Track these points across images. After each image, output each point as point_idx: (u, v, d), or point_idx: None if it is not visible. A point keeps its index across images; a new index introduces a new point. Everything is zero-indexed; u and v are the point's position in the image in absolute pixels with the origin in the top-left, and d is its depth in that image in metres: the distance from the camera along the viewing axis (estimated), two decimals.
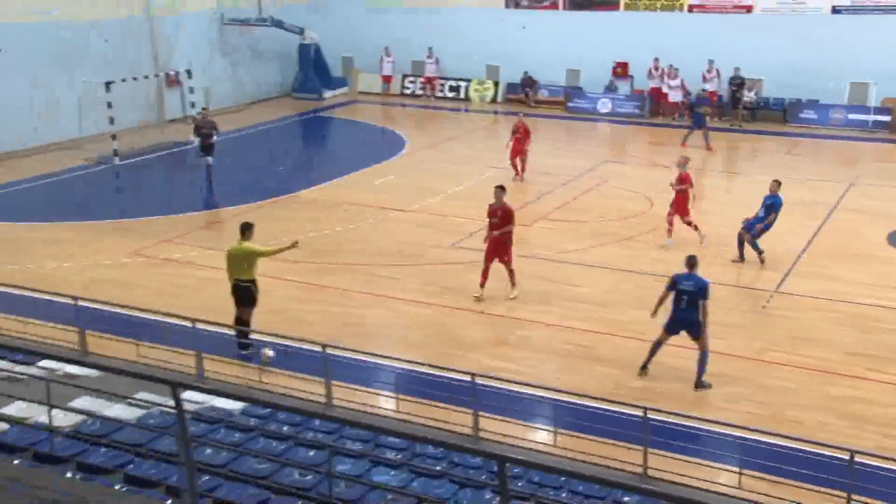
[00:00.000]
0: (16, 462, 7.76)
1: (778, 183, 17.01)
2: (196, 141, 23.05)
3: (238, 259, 13.01)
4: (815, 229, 19.00)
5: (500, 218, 15.12)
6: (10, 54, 25.83)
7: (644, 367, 12.59)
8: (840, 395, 12.09)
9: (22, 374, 10.26)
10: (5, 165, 24.87)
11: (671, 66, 30.33)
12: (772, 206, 16.74)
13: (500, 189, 15.35)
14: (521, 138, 22.82)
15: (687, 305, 12.24)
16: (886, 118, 28.54)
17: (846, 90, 29.47)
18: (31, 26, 26.25)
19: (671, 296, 12.42)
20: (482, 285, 15.24)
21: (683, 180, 17.97)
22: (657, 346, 12.49)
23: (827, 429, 11.11)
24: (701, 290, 12.18)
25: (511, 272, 15.31)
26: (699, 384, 12.23)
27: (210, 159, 22.78)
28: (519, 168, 23.01)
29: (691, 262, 12.52)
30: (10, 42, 25.82)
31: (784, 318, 14.61)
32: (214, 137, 22.90)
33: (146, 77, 28.12)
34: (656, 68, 30.84)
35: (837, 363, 12.96)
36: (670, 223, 18.06)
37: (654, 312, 12.54)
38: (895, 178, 25.05)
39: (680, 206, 18.01)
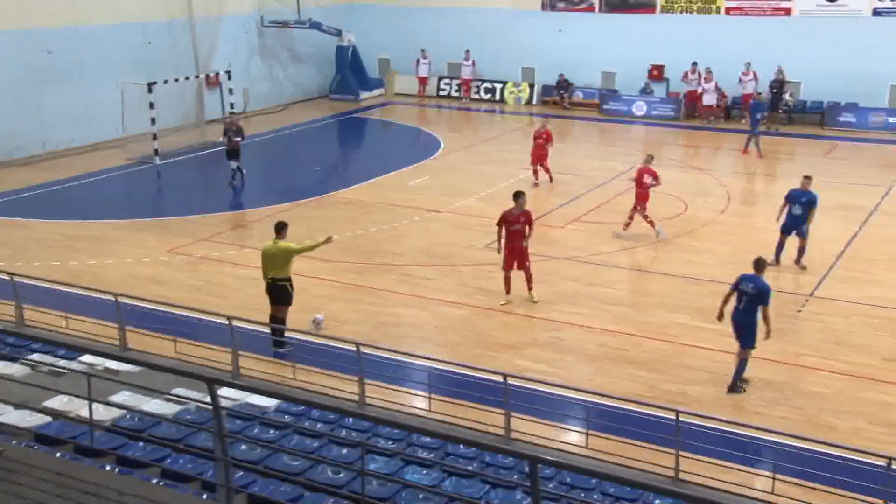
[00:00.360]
0: (57, 454, 7.94)
1: (809, 179, 16.78)
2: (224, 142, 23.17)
3: (274, 257, 13.17)
4: (853, 234, 18.76)
5: (524, 224, 15.01)
6: (58, 57, 26.37)
7: (731, 384, 12.18)
8: (876, 400, 11.94)
9: (64, 368, 10.50)
10: (54, 164, 25.38)
11: (707, 68, 30.11)
12: (809, 203, 16.51)
13: (522, 195, 15.21)
14: (542, 144, 22.62)
15: (745, 307, 12.09)
16: None
17: (886, 93, 29.03)
18: (76, 30, 26.79)
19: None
20: (508, 292, 15.23)
21: (654, 177, 18.27)
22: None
23: (863, 435, 10.99)
24: (760, 293, 11.98)
25: (530, 277, 15.26)
26: (733, 388, 12.13)
27: (233, 164, 22.78)
28: (539, 174, 22.67)
29: (758, 264, 12.39)
30: (58, 45, 26.37)
31: (820, 322, 14.47)
32: (240, 142, 22.87)
33: (187, 78, 28.53)
34: (693, 71, 30.61)
35: (874, 369, 12.81)
36: (645, 218, 18.27)
37: (720, 314, 12.40)
38: None
39: (642, 200, 18.23)
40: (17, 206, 21.40)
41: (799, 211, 16.55)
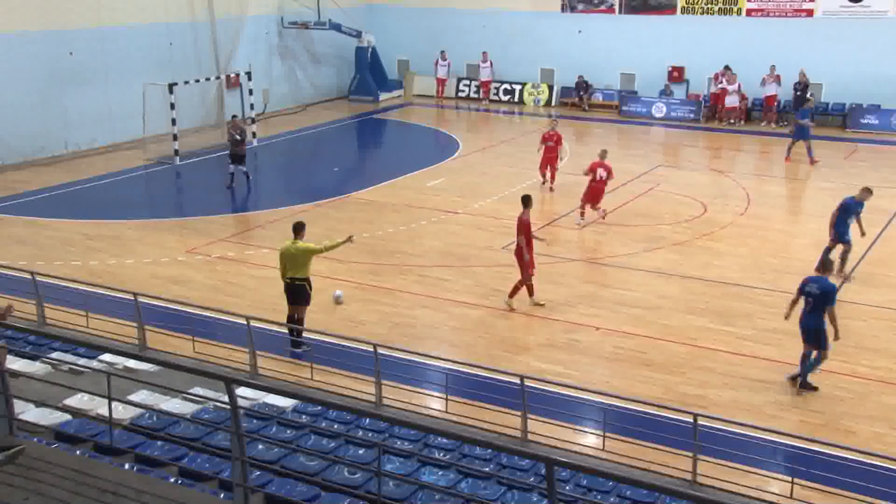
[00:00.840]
0: (77, 452, 8.01)
1: (868, 191, 16.27)
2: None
3: (294, 257, 13.23)
4: (875, 237, 18.59)
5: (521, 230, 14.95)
6: (78, 57, 26.62)
7: (798, 382, 12.12)
8: None
9: (84, 367, 10.60)
10: (76, 165, 25.61)
11: (729, 70, 29.96)
12: (858, 213, 16.18)
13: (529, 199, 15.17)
14: (553, 147, 22.19)
15: (811, 309, 12.00)
16: None
17: None
18: (101, 31, 27.03)
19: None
20: (534, 293, 15.19)
21: (607, 171, 19.10)
22: (804, 358, 12.18)
23: (883, 440, 10.90)
24: (824, 293, 11.87)
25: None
26: (804, 385, 12.02)
27: (232, 167, 22.57)
28: (548, 177, 22.48)
29: (823, 265, 12.32)
30: (82, 46, 26.63)
31: (840, 325, 14.32)
32: (245, 145, 22.71)
33: (208, 79, 28.72)
34: (723, 74, 30.33)
35: (894, 372, 12.69)
36: (583, 207, 19.27)
37: (787, 315, 12.40)
38: None
39: (595, 195, 19.20)
40: (39, 205, 21.61)
41: (852, 220, 16.22)
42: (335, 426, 9.89)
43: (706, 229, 19.19)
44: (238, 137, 22.52)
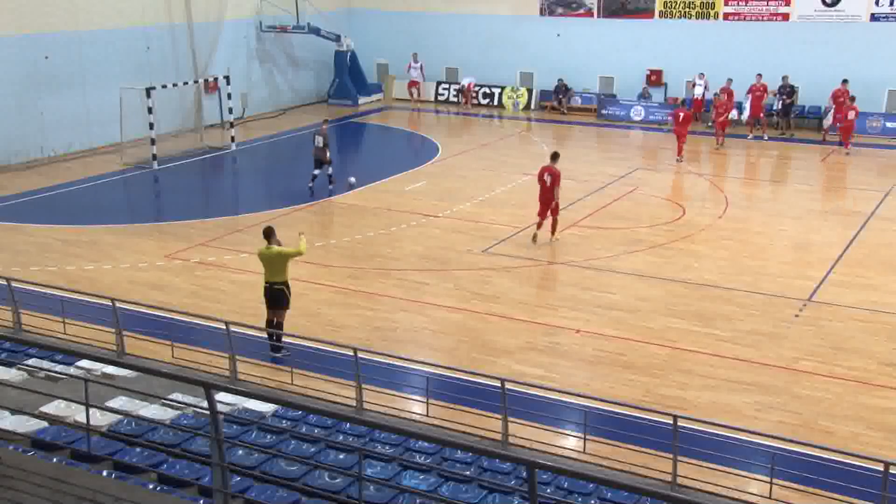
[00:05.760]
0: (54, 460, 7.94)
1: None
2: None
3: (269, 262, 13.17)
4: (851, 238, 18.79)
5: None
6: (55, 61, 26.40)
7: None
8: (874, 405, 11.95)
9: (61, 373, 10.50)
10: (52, 169, 25.37)
11: (702, 73, 30.19)
12: None
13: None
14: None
15: None
16: None
17: (884, 98, 29.09)
18: (78, 34, 26.82)
19: None
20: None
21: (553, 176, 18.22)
22: None
23: (860, 439, 11.00)
24: None
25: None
26: None
27: (317, 171, 22.52)
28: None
29: None
30: (59, 50, 26.40)
31: (817, 327, 14.48)
32: (326, 150, 22.52)
33: (185, 83, 28.56)
34: (701, 78, 30.48)
35: (872, 373, 12.81)
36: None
37: None
38: None
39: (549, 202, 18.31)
40: (15, 210, 21.40)
41: None
42: (315, 431, 9.87)
43: (685, 232, 19.31)
44: (320, 145, 22.46)
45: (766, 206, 21.94)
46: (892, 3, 28.73)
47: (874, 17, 29.07)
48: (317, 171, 22.60)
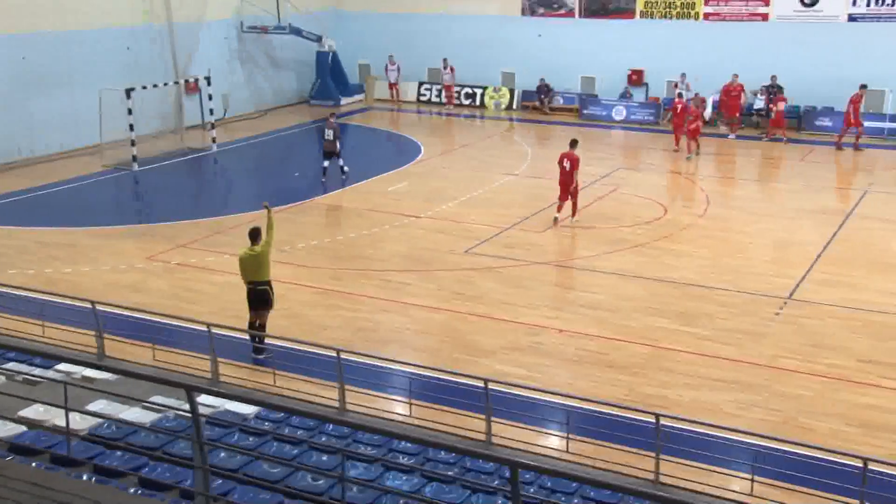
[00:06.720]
0: (33, 465, 7.86)
1: None
2: None
3: (253, 261, 13.12)
4: (830, 237, 18.93)
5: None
6: (33, 62, 26.17)
7: None
8: (853, 402, 12.04)
9: (40, 377, 10.41)
10: (30, 171, 25.15)
11: (684, 74, 30.33)
12: None
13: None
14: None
15: None
16: None
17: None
18: (53, 34, 26.59)
19: None
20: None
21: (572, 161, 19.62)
22: None
23: (840, 436, 11.08)
24: None
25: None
26: None
27: (326, 162, 23.40)
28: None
29: None
30: (32, 50, 26.17)
31: (798, 324, 14.58)
32: (335, 142, 23.37)
33: (166, 84, 28.38)
34: (682, 80, 30.59)
35: (851, 370, 12.92)
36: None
37: None
38: None
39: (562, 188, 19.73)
40: None
41: None
42: (298, 432, 9.83)
43: (667, 231, 19.39)
44: (330, 138, 23.29)
45: (746, 204, 22.08)
46: (868, 4, 28.99)
47: (852, 18, 29.31)
48: (326, 163, 23.31)
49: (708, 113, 29.22)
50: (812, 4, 29.73)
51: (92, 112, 25.94)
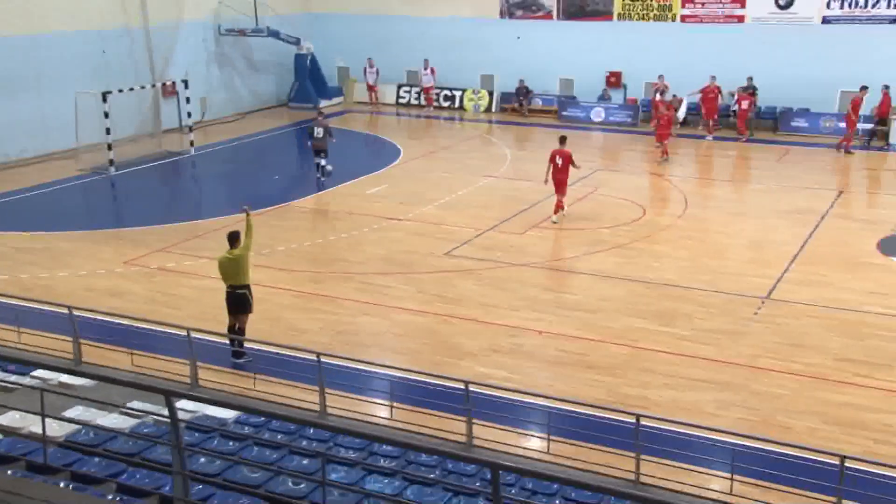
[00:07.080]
0: (9, 472, 7.78)
1: None
2: None
3: (232, 265, 13.05)
4: (806, 236, 19.10)
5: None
6: (7, 65, 25.91)
7: None
8: (830, 400, 12.15)
9: (16, 384, 10.28)
10: (5, 175, 24.88)
11: (661, 75, 30.51)
12: None
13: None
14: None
15: None
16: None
17: (836, 98, 29.63)
18: (27, 38, 26.34)
19: None
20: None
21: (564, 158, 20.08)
22: None
23: (817, 434, 11.18)
24: None
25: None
26: None
27: (317, 158, 23.69)
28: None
29: None
30: (6, 54, 25.90)
31: (775, 324, 14.69)
32: (324, 140, 23.58)
33: (143, 87, 28.19)
34: (661, 80, 30.76)
35: (828, 369, 13.04)
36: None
37: None
38: (884, 186, 25.28)
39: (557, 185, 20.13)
40: None
41: None
42: (278, 437, 9.79)
43: (646, 232, 19.49)
44: (319, 135, 23.46)
45: (724, 205, 22.24)
46: (842, 6, 29.30)
47: (825, 20, 29.61)
48: (318, 161, 23.65)
49: (682, 114, 29.38)
50: (787, 6, 30.02)
51: (65, 116, 25.71)
